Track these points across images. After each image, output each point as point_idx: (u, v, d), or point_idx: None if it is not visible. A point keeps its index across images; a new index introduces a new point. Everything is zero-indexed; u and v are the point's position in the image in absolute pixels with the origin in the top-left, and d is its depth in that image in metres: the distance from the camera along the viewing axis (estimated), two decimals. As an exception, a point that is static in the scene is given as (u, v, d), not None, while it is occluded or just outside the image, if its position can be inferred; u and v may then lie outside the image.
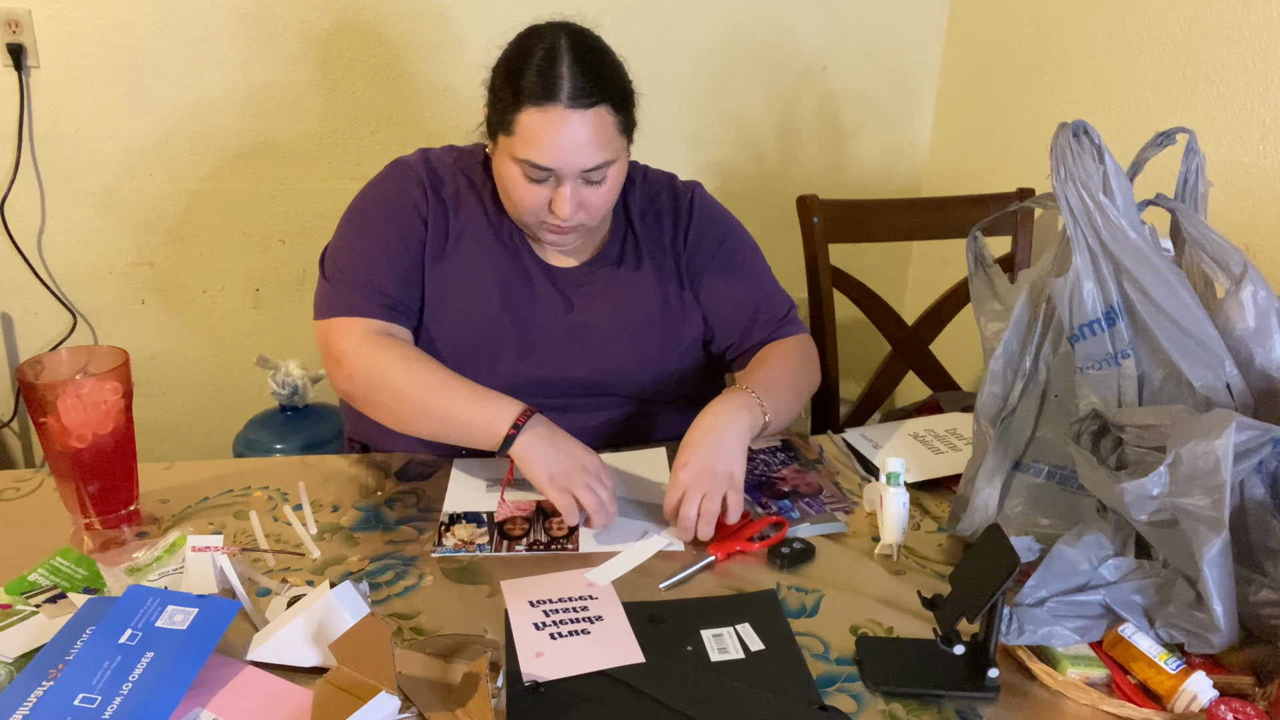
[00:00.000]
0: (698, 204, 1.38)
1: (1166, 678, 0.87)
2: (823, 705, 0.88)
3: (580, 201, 1.20)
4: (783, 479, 1.27)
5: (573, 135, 1.14)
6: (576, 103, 1.13)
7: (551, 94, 1.12)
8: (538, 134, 1.14)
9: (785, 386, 1.29)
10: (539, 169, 1.16)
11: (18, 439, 2.13)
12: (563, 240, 1.26)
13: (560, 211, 1.18)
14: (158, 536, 1.09)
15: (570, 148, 1.14)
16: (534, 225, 1.24)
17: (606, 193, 1.21)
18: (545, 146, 1.14)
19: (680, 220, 1.37)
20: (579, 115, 1.13)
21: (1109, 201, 0.95)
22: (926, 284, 2.32)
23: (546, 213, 1.20)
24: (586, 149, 1.15)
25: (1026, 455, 1.10)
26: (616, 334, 1.31)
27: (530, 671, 0.91)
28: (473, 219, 1.30)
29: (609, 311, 1.32)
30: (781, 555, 1.09)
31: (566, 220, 1.20)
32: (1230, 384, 0.95)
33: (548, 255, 1.33)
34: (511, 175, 1.19)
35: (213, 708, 0.84)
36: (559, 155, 1.15)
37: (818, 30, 2.15)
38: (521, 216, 1.24)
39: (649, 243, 1.35)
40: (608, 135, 1.17)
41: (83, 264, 2.01)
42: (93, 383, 1.08)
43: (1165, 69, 1.58)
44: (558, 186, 1.18)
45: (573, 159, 1.15)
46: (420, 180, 1.29)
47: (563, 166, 1.16)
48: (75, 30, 1.86)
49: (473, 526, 1.15)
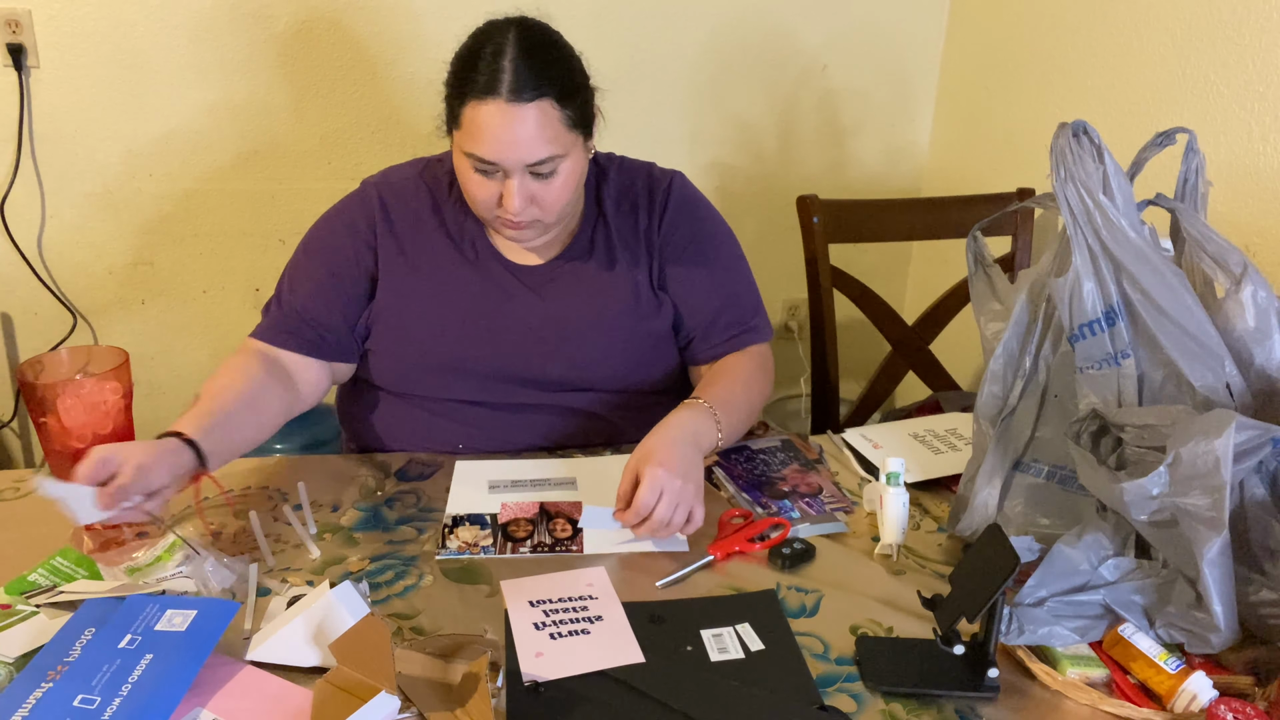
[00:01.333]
0: (675, 192, 1.36)
1: (1166, 678, 0.87)
2: (823, 705, 0.88)
3: (531, 196, 1.18)
4: (783, 479, 1.27)
5: (514, 130, 1.13)
6: (517, 96, 1.12)
7: (492, 88, 1.12)
8: (480, 128, 1.14)
9: (741, 405, 1.29)
10: (484, 162, 1.16)
11: (18, 439, 2.13)
12: (519, 235, 1.25)
13: (509, 206, 1.18)
14: (158, 536, 1.09)
15: (512, 142, 1.14)
16: (490, 221, 1.25)
17: (560, 188, 1.20)
18: (488, 140, 1.14)
19: (655, 208, 1.35)
20: (519, 109, 1.13)
21: (1109, 201, 0.95)
22: (926, 284, 2.32)
23: (499, 207, 1.20)
24: (529, 143, 1.14)
25: (1026, 455, 1.10)
26: (588, 326, 1.31)
27: (530, 671, 0.91)
28: (432, 235, 1.31)
29: (580, 304, 1.31)
30: (782, 555, 1.09)
31: (516, 215, 1.19)
32: (1230, 384, 0.95)
33: (514, 254, 1.32)
34: (463, 169, 1.19)
35: (212, 708, 0.84)
36: (501, 149, 1.14)
37: (818, 30, 2.15)
38: (478, 211, 1.24)
39: (623, 232, 1.34)
40: (552, 129, 1.15)
41: (83, 264, 2.01)
42: (93, 383, 1.08)
43: (1165, 69, 1.58)
44: (505, 180, 1.17)
45: (515, 153, 1.15)
46: (370, 212, 1.31)
47: (506, 160, 1.15)
48: (75, 30, 1.86)
49: (476, 528, 1.15)
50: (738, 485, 1.25)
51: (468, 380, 1.30)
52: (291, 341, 1.28)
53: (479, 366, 1.30)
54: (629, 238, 1.34)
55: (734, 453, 1.33)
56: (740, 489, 1.24)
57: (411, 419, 1.33)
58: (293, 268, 1.33)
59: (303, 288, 1.30)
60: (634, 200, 1.35)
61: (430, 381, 1.31)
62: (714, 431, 1.21)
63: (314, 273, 1.31)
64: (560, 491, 1.22)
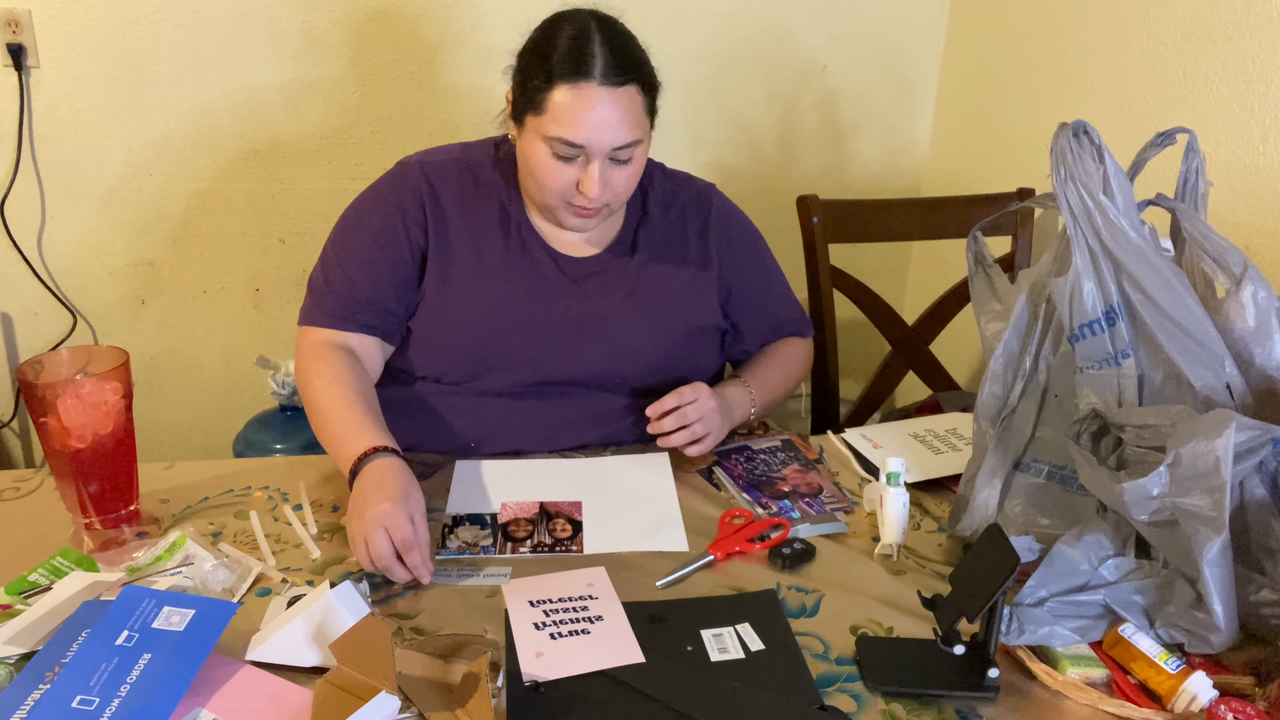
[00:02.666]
0: (729, 208, 1.43)
1: (1166, 678, 0.87)
2: (823, 705, 0.88)
3: (606, 181, 1.20)
4: (783, 479, 1.27)
5: (605, 112, 1.15)
6: (609, 80, 1.15)
7: (585, 71, 1.14)
8: (570, 110, 1.15)
9: (777, 390, 1.42)
10: (570, 145, 1.17)
11: (18, 439, 2.13)
12: (586, 223, 1.27)
13: (589, 190, 1.19)
14: (158, 536, 1.09)
15: (602, 124, 1.16)
16: (558, 207, 1.24)
17: (631, 174, 1.23)
18: (578, 123, 1.15)
19: (708, 219, 1.39)
20: (610, 92, 1.15)
21: (1109, 201, 0.95)
22: (926, 284, 2.32)
23: (573, 193, 1.21)
24: (618, 126, 1.17)
25: (1026, 455, 1.10)
26: (629, 319, 1.32)
27: (530, 671, 0.91)
28: (478, 219, 1.30)
29: (621, 298, 1.32)
30: (783, 556, 1.09)
31: (594, 200, 1.20)
32: (1230, 384, 0.95)
33: (560, 245, 1.33)
34: (539, 156, 1.20)
35: (212, 707, 0.84)
36: (590, 131, 1.16)
37: (818, 30, 2.15)
38: (546, 199, 1.24)
39: (671, 234, 1.37)
40: (636, 115, 1.18)
41: (83, 264, 2.01)
42: (93, 383, 1.08)
43: (1165, 69, 1.58)
44: (586, 165, 1.19)
45: (604, 136, 1.16)
46: (418, 190, 1.29)
47: (593, 143, 1.17)
48: (75, 30, 1.86)
49: (476, 528, 1.15)
50: (738, 485, 1.25)
51: (502, 369, 1.29)
52: (354, 325, 1.27)
53: (516, 354, 1.29)
54: (676, 239, 1.37)
55: (735, 452, 1.33)
56: (741, 489, 1.24)
57: (439, 410, 1.32)
58: (340, 248, 1.30)
59: (359, 270, 1.28)
60: (682, 206, 1.39)
61: (464, 366, 1.29)
62: (748, 406, 1.35)
63: (368, 253, 1.28)
64: (560, 491, 1.22)
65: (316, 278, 1.31)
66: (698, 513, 1.19)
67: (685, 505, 1.21)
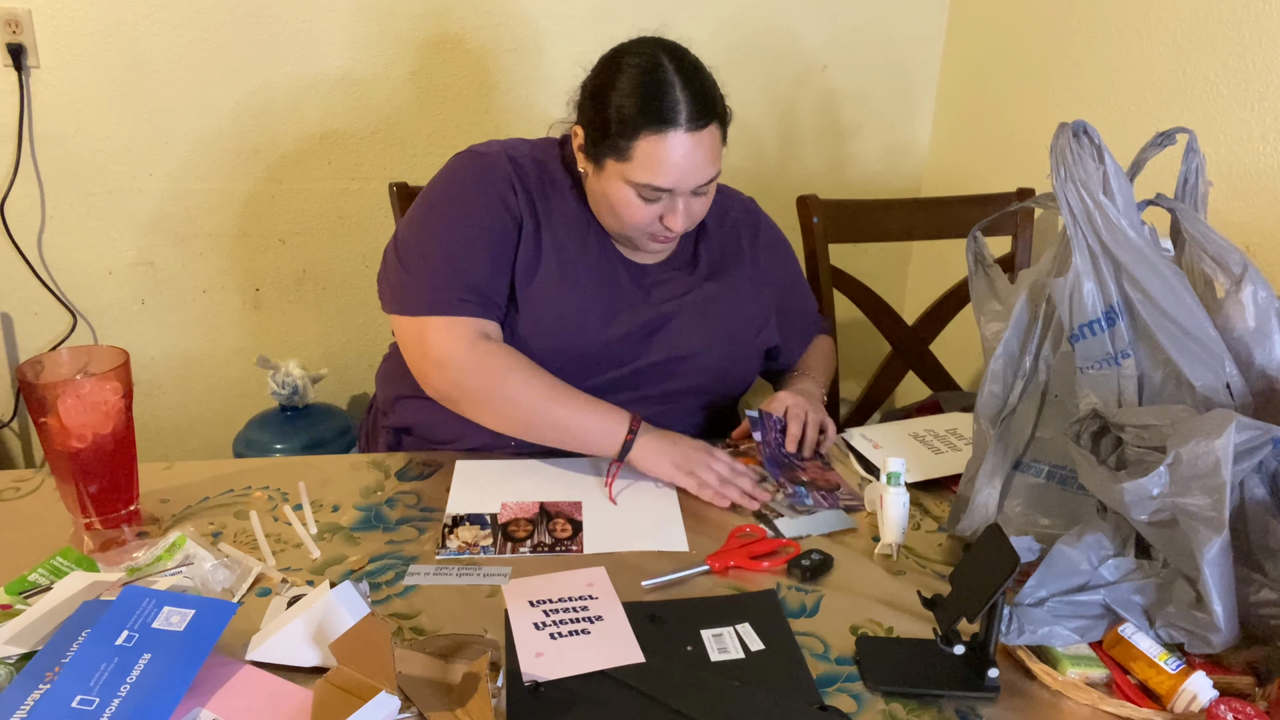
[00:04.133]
0: (769, 220, 1.48)
1: (1166, 678, 0.87)
2: (823, 705, 0.88)
3: (689, 213, 1.24)
4: (804, 469, 1.29)
5: (691, 157, 1.18)
6: (694, 125, 1.17)
7: (671, 120, 1.16)
8: (659, 159, 1.17)
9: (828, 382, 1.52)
10: (657, 190, 1.20)
11: (18, 439, 2.13)
12: (665, 248, 1.32)
13: (675, 226, 1.23)
14: (158, 536, 1.09)
15: (689, 168, 1.19)
16: (637, 238, 1.28)
17: (708, 201, 1.27)
18: (667, 170, 1.18)
19: (756, 234, 1.44)
20: (695, 136, 1.17)
21: (1109, 201, 0.95)
22: (926, 284, 2.32)
23: (657, 227, 1.25)
24: (703, 167, 1.20)
25: (1026, 455, 1.10)
26: (689, 329, 1.34)
27: (530, 671, 0.91)
28: (561, 211, 1.31)
29: (682, 307, 1.35)
30: (801, 567, 1.08)
31: (681, 233, 1.25)
32: (1230, 384, 0.95)
33: (629, 253, 1.35)
34: (624, 197, 1.22)
35: (212, 707, 0.84)
36: (679, 177, 1.19)
37: (818, 30, 2.15)
38: (628, 232, 1.26)
39: (726, 248, 1.40)
40: (717, 150, 1.22)
41: (83, 264, 2.01)
42: (93, 383, 1.08)
43: (1165, 69, 1.58)
44: (671, 200, 1.22)
45: (690, 178, 1.20)
46: (506, 173, 1.28)
47: (681, 186, 1.20)
48: (75, 30, 1.86)
49: (476, 528, 1.15)
50: (768, 450, 1.28)
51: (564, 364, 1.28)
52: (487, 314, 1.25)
53: (582, 351, 1.30)
54: (731, 253, 1.40)
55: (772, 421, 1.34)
56: (768, 456, 1.28)
57: None
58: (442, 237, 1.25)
59: (469, 257, 1.25)
60: (734, 220, 1.43)
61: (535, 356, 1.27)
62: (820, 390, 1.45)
63: (475, 240, 1.25)
64: (560, 491, 1.22)
65: (416, 264, 1.25)
66: (699, 513, 1.20)
67: (685, 505, 1.21)
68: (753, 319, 1.40)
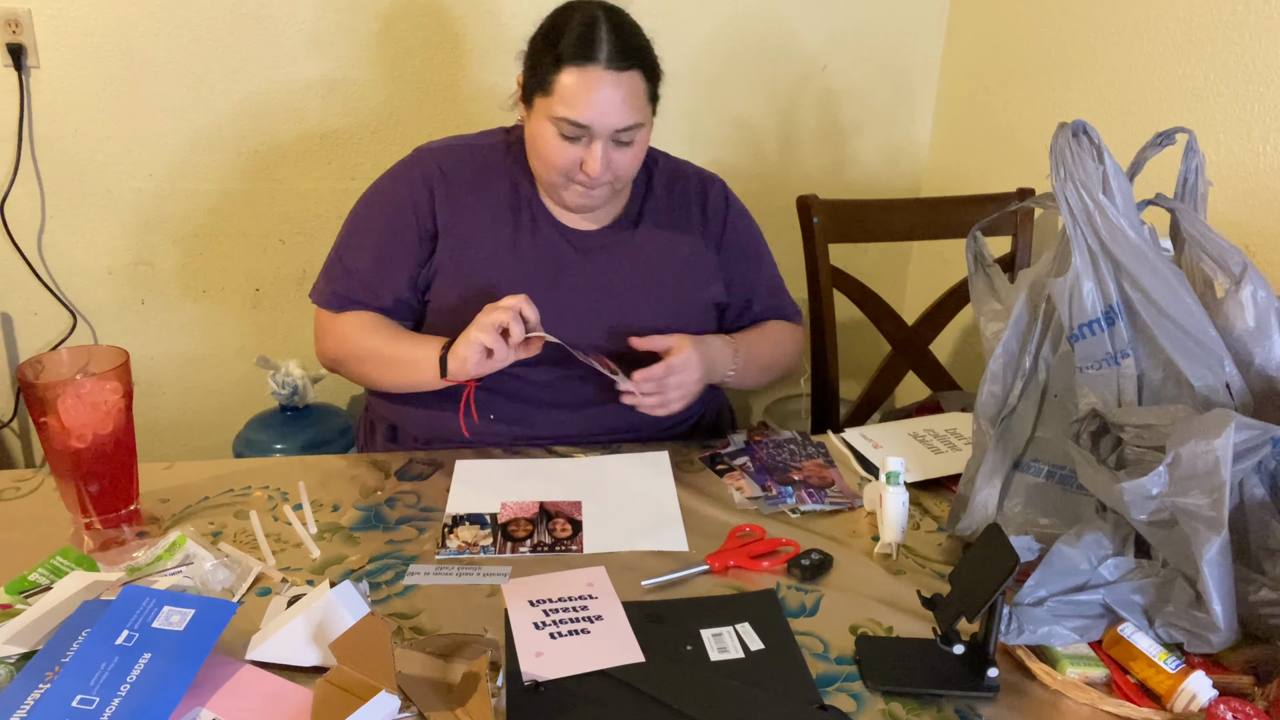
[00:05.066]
0: (730, 194, 1.48)
1: (1166, 677, 0.87)
2: (823, 705, 0.88)
3: (609, 162, 1.25)
4: (798, 468, 1.30)
5: (609, 94, 1.21)
6: (614, 64, 1.20)
7: (591, 55, 1.20)
8: (576, 92, 1.21)
9: (763, 356, 1.44)
10: (575, 125, 1.22)
11: (18, 439, 2.13)
12: (589, 201, 1.32)
13: (591, 169, 1.24)
14: (158, 536, 1.09)
15: (606, 106, 1.21)
16: (562, 186, 1.30)
17: (633, 156, 1.28)
18: (583, 104, 1.21)
19: (711, 198, 1.45)
20: (615, 76, 1.21)
21: (1109, 201, 0.96)
22: (926, 284, 2.32)
23: (577, 171, 1.26)
24: (621, 108, 1.22)
25: (1026, 455, 1.10)
26: (636, 291, 1.37)
27: (530, 671, 0.91)
28: (491, 199, 1.36)
29: (629, 270, 1.37)
30: (801, 567, 1.08)
31: (596, 179, 1.26)
32: (1230, 384, 0.95)
33: (569, 220, 1.37)
34: (546, 135, 1.25)
35: (212, 707, 0.84)
36: (595, 112, 1.21)
37: (818, 30, 2.15)
38: (551, 177, 1.29)
39: (673, 210, 1.42)
40: (639, 99, 1.24)
41: (83, 264, 2.01)
42: (93, 383, 1.08)
43: (1165, 69, 1.58)
44: (589, 145, 1.24)
45: (607, 117, 1.22)
46: (429, 175, 1.35)
47: (597, 124, 1.22)
48: (75, 30, 1.86)
49: (476, 528, 1.15)
50: (754, 468, 1.29)
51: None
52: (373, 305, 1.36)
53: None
54: (678, 214, 1.42)
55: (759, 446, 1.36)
56: (755, 471, 1.28)
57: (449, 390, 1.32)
58: (351, 234, 1.39)
59: (367, 255, 1.35)
60: (685, 189, 1.45)
61: None
62: (729, 365, 1.36)
63: (375, 238, 1.36)
64: (560, 491, 1.23)
65: (333, 261, 1.38)
66: (698, 513, 1.20)
67: (685, 505, 1.21)
68: (698, 281, 1.41)
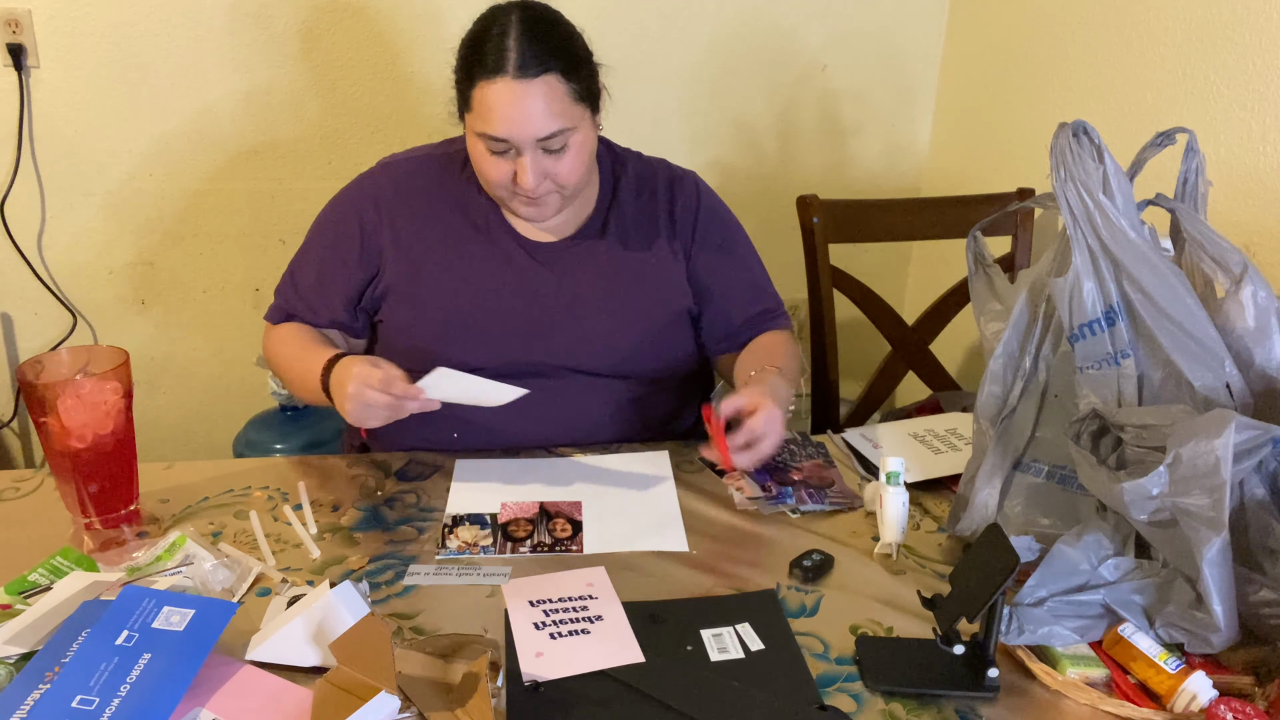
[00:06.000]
0: (703, 191, 1.42)
1: (1166, 677, 0.87)
2: (823, 705, 0.88)
3: (544, 171, 1.22)
4: (798, 468, 1.29)
5: (522, 106, 1.17)
6: (523, 73, 1.16)
7: (500, 67, 1.16)
8: (490, 107, 1.17)
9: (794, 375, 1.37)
10: (497, 140, 1.19)
11: (18, 439, 2.13)
12: (537, 212, 1.29)
13: (523, 181, 1.21)
14: (158, 536, 1.09)
15: (521, 118, 1.17)
16: (507, 198, 1.27)
17: (572, 161, 1.23)
18: (498, 119, 1.17)
19: (680, 200, 1.39)
20: (525, 85, 1.16)
21: (1109, 201, 0.95)
22: (926, 284, 2.32)
23: (514, 184, 1.23)
24: (538, 118, 1.17)
25: (1026, 455, 1.10)
26: (599, 302, 1.34)
27: (530, 671, 0.91)
28: (445, 211, 1.34)
29: (592, 281, 1.34)
30: (802, 567, 1.08)
31: (533, 190, 1.22)
32: (1230, 384, 0.95)
33: (529, 231, 1.35)
34: (478, 151, 1.23)
35: (212, 707, 0.84)
36: (510, 126, 1.17)
37: (818, 30, 2.15)
38: (493, 191, 1.28)
39: (639, 217, 1.38)
40: (560, 103, 1.18)
41: (83, 264, 2.01)
42: (93, 383, 1.08)
43: (1165, 69, 1.58)
44: (518, 157, 1.20)
45: (525, 129, 1.18)
46: (378, 192, 1.35)
47: (516, 136, 1.18)
48: (75, 30, 1.86)
49: (476, 528, 1.15)
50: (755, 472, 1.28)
51: (472, 352, 1.29)
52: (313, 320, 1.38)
53: (485, 338, 1.30)
54: (644, 223, 1.38)
55: None
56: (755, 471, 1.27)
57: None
58: (304, 249, 1.40)
59: (311, 273, 1.37)
60: (653, 189, 1.39)
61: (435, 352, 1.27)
62: (791, 396, 1.29)
63: (318, 254, 1.38)
64: (560, 491, 1.23)
65: (286, 274, 1.40)
66: (698, 513, 1.19)
67: (685, 505, 1.21)
68: (666, 292, 1.37)
